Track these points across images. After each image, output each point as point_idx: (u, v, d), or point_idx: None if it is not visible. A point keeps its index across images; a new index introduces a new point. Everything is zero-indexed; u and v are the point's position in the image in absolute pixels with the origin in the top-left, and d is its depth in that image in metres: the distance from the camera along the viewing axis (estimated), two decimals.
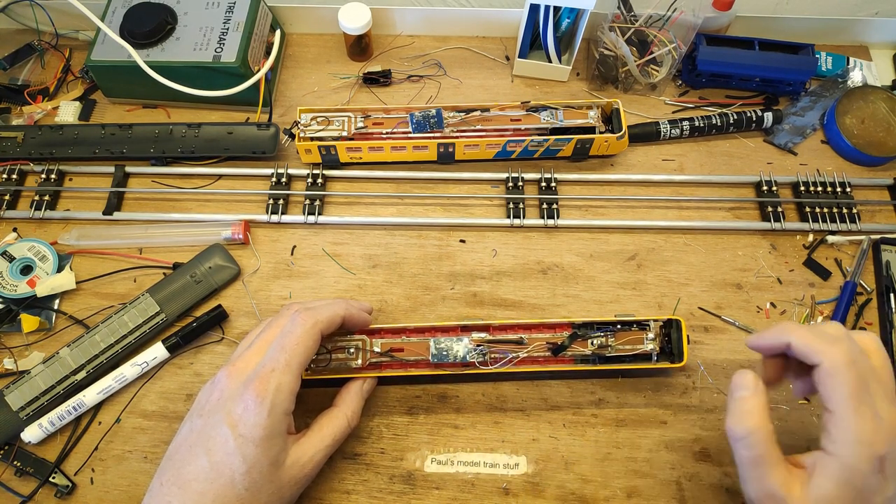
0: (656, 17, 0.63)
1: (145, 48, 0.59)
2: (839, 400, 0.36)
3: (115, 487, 0.48)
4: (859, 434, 0.35)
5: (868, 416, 0.35)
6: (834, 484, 0.35)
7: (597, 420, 0.51)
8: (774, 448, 0.37)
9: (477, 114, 0.58)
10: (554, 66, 0.65)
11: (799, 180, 0.60)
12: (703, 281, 0.56)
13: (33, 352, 0.52)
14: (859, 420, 0.35)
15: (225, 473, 0.38)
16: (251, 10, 0.61)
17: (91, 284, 0.55)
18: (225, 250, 0.56)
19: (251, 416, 0.38)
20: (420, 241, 0.58)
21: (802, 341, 0.38)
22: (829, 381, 0.36)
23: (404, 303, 0.55)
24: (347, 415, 0.45)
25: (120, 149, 0.59)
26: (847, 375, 0.36)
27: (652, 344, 0.48)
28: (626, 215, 0.60)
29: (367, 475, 0.48)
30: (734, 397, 0.39)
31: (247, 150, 0.60)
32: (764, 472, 0.37)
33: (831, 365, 0.36)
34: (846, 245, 0.58)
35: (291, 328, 0.41)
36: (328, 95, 0.66)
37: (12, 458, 0.48)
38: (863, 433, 0.35)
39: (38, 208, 0.58)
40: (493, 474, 0.49)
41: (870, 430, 0.35)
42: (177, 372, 0.52)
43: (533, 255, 0.57)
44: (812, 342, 0.37)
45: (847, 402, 0.36)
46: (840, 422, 0.36)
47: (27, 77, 0.66)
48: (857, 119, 0.63)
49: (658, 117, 0.64)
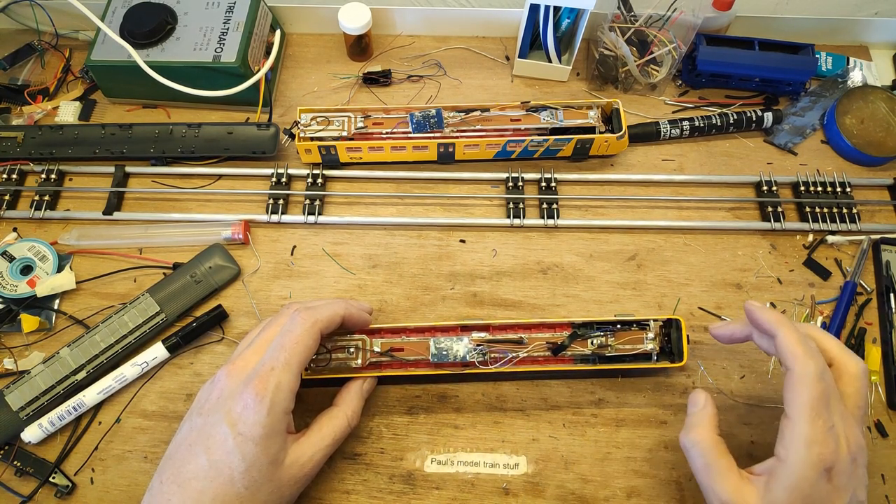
0: (656, 17, 0.63)
1: (145, 48, 0.59)
2: (798, 406, 0.37)
3: (115, 487, 0.48)
4: (809, 440, 0.36)
5: (821, 426, 0.37)
6: (784, 490, 0.37)
7: (597, 420, 0.51)
8: (723, 457, 0.40)
9: (477, 114, 0.58)
10: (554, 66, 0.65)
11: (799, 180, 0.60)
12: (703, 281, 0.56)
13: (33, 352, 0.52)
14: (812, 428, 0.37)
15: (224, 472, 0.38)
16: (251, 10, 0.61)
17: (91, 284, 0.55)
18: (225, 250, 0.56)
19: (251, 414, 0.38)
20: (420, 241, 0.58)
21: (786, 342, 0.39)
22: (796, 387, 0.38)
23: (404, 303, 0.55)
24: (347, 414, 0.45)
25: (120, 149, 0.59)
26: (813, 388, 0.37)
27: (652, 344, 0.48)
28: (626, 215, 0.60)
29: (367, 475, 0.48)
30: (688, 413, 0.43)
31: (247, 150, 0.60)
32: (715, 480, 0.39)
33: (801, 373, 0.37)
34: (846, 245, 0.58)
35: (291, 327, 0.41)
36: (328, 95, 0.66)
37: (12, 458, 0.48)
38: (812, 440, 0.36)
39: (38, 208, 0.58)
40: (493, 474, 0.49)
41: (820, 439, 0.37)
42: (177, 372, 0.52)
43: (533, 255, 0.57)
44: (794, 347, 0.38)
45: (805, 410, 0.37)
46: (794, 427, 0.37)
47: (27, 77, 0.66)
48: (857, 119, 0.63)
49: (658, 117, 0.64)
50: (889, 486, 0.49)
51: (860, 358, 0.41)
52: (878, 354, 0.53)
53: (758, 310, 0.41)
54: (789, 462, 0.37)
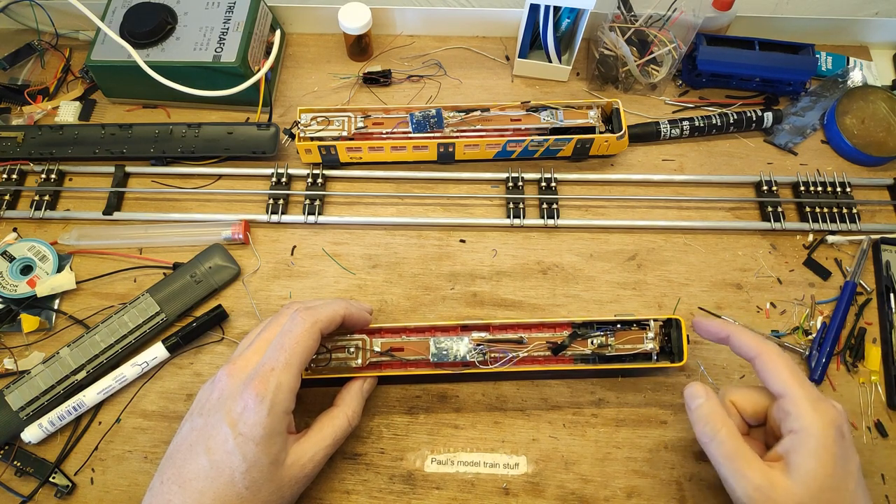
0: (656, 17, 0.63)
1: (145, 48, 0.59)
2: (784, 381, 0.39)
3: (115, 487, 0.48)
4: (813, 403, 0.38)
5: (812, 390, 0.39)
6: (813, 458, 0.37)
7: (597, 420, 0.51)
8: (744, 443, 0.40)
9: (477, 114, 0.58)
10: (554, 66, 0.65)
11: (799, 180, 0.60)
12: (703, 281, 0.56)
13: (33, 352, 0.52)
14: (809, 392, 0.39)
15: (225, 472, 0.38)
16: (251, 10, 0.61)
17: (91, 284, 0.55)
18: (225, 250, 0.56)
19: (251, 414, 0.38)
20: (420, 241, 0.58)
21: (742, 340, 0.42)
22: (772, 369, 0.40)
23: (404, 303, 0.55)
24: (348, 414, 0.45)
25: (120, 149, 0.59)
26: (786, 362, 0.40)
27: (652, 343, 0.48)
28: (626, 215, 0.60)
29: (367, 475, 0.48)
30: (692, 408, 0.42)
31: (247, 150, 0.60)
32: (742, 466, 0.39)
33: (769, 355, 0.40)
34: (846, 245, 0.58)
35: (291, 327, 0.41)
36: (328, 95, 0.66)
37: (12, 458, 0.48)
38: (816, 401, 0.38)
39: (38, 208, 0.58)
40: (493, 474, 0.49)
41: (819, 398, 0.38)
42: (177, 372, 0.52)
43: (533, 255, 0.57)
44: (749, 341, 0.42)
45: (792, 381, 0.39)
46: (793, 399, 0.38)
47: (27, 77, 0.66)
48: (857, 119, 0.63)
49: (658, 117, 0.64)
50: (889, 486, 0.49)
51: None
52: (878, 354, 0.53)
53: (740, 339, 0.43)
54: (805, 428, 0.37)
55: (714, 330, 0.44)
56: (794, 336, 0.54)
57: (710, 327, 0.45)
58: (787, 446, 0.38)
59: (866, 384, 0.52)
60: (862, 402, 0.52)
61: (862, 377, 0.52)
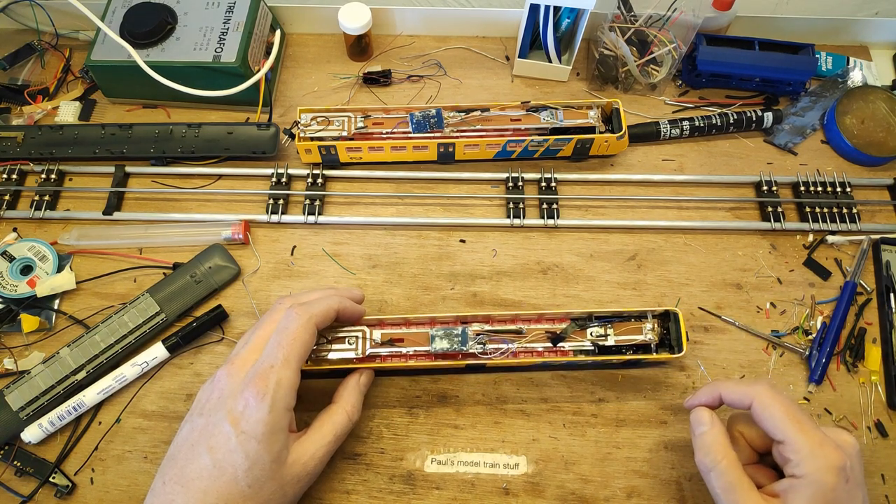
0: (656, 17, 0.63)
1: (145, 48, 0.59)
2: (781, 425, 0.38)
3: (115, 487, 0.48)
4: (813, 448, 0.37)
5: (813, 432, 0.38)
6: (805, 500, 0.37)
7: (597, 420, 0.51)
8: (744, 475, 0.39)
9: (477, 114, 0.58)
10: (554, 66, 0.65)
11: (799, 180, 0.60)
12: (703, 281, 0.56)
13: (33, 352, 0.52)
14: (807, 437, 0.38)
15: (228, 471, 0.38)
16: (251, 10, 0.61)
17: (91, 284, 0.55)
18: (225, 250, 0.56)
19: (252, 412, 0.38)
20: (420, 241, 0.58)
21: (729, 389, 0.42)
22: (765, 411, 0.39)
23: (404, 303, 0.55)
24: (347, 410, 0.45)
25: (120, 149, 0.59)
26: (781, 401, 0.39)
27: (651, 334, 0.47)
28: (626, 215, 0.60)
29: (367, 475, 0.48)
30: (696, 434, 0.42)
31: (247, 150, 0.60)
32: (738, 499, 0.39)
33: (763, 396, 0.40)
34: (846, 245, 0.58)
35: (287, 324, 0.41)
36: (328, 95, 0.66)
37: (12, 458, 0.48)
38: (816, 445, 0.37)
39: (38, 208, 0.58)
40: (493, 474, 0.49)
41: (823, 443, 0.37)
42: (177, 372, 0.52)
43: (533, 255, 0.57)
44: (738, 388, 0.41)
45: (788, 424, 0.38)
46: (792, 445, 0.38)
47: (27, 77, 0.66)
48: (857, 119, 0.63)
49: (658, 117, 0.64)
50: (889, 486, 0.49)
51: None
52: (878, 354, 0.53)
53: (698, 395, 0.44)
54: (808, 475, 0.37)
55: (705, 398, 0.44)
56: (794, 336, 0.54)
57: (700, 397, 0.44)
58: (785, 486, 0.38)
59: (866, 384, 0.52)
60: (862, 402, 0.52)
61: (862, 377, 0.52)
